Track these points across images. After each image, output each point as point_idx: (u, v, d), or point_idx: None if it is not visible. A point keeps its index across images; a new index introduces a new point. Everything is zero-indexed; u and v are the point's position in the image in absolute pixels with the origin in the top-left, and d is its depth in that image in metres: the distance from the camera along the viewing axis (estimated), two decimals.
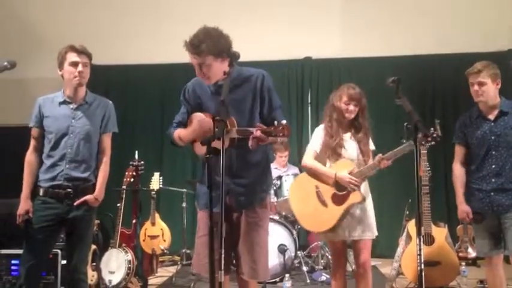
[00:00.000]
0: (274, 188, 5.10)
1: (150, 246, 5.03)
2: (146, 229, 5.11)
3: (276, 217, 4.84)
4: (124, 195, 4.35)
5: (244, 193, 2.52)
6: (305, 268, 4.83)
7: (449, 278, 4.08)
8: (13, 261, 3.65)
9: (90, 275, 3.77)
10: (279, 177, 5.15)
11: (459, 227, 5.27)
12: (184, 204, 5.63)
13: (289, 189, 3.74)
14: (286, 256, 4.55)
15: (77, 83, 2.98)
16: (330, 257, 4.92)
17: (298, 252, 4.88)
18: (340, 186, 3.08)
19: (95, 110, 3.08)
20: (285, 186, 5.06)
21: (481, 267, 4.94)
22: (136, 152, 4.76)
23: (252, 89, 2.54)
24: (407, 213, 4.94)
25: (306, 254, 5.29)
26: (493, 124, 3.13)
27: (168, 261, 5.83)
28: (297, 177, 4.12)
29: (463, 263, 4.37)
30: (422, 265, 2.18)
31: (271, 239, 4.48)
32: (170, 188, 5.59)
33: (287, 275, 4.40)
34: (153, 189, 5.15)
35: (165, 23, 6.39)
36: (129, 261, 4.06)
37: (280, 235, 4.67)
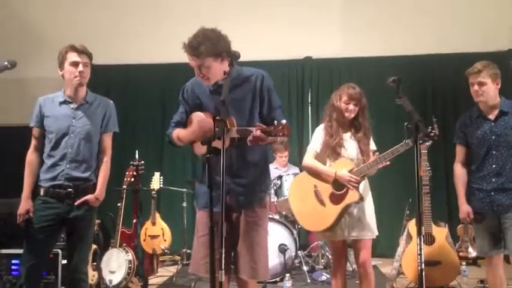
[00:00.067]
0: (275, 188, 5.10)
1: (150, 246, 5.03)
2: (147, 229, 5.11)
3: (277, 217, 4.84)
4: (124, 195, 4.35)
5: (243, 193, 2.52)
6: (305, 268, 4.84)
7: (449, 278, 4.08)
8: (13, 261, 3.65)
9: (90, 274, 3.77)
10: (280, 177, 5.15)
11: (459, 226, 5.27)
12: (184, 204, 5.64)
13: (289, 188, 3.74)
14: (287, 256, 4.56)
15: (77, 83, 2.98)
16: (330, 256, 4.92)
17: (299, 251, 4.89)
18: (338, 186, 3.08)
19: (96, 110, 3.08)
20: (285, 186, 5.06)
21: (481, 267, 4.94)
22: (137, 152, 4.76)
23: (251, 89, 2.53)
24: (407, 212, 4.94)
25: (307, 254, 5.30)
26: (493, 124, 3.13)
27: (168, 261, 5.84)
28: (296, 176, 4.13)
29: (464, 263, 4.37)
30: (423, 265, 2.18)
31: (272, 239, 4.51)
32: (170, 188, 5.60)
33: (287, 275, 4.41)
34: (153, 189, 5.15)
35: (165, 23, 6.39)
36: (129, 261, 4.07)
37: (280, 235, 4.67)
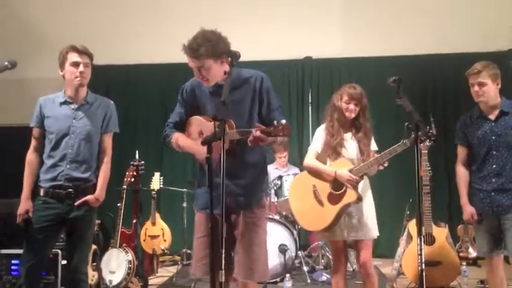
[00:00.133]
0: (275, 188, 5.10)
1: (150, 246, 5.03)
2: (147, 229, 5.11)
3: (277, 217, 4.84)
4: (124, 195, 4.35)
5: (243, 194, 2.52)
6: (306, 268, 4.83)
7: (450, 278, 4.08)
8: (13, 261, 3.65)
9: (90, 275, 3.77)
10: (280, 177, 5.15)
11: (460, 226, 5.27)
12: (184, 204, 5.64)
13: (289, 187, 3.75)
14: (287, 256, 4.56)
15: (78, 83, 2.98)
16: (330, 256, 4.92)
17: (299, 252, 4.89)
18: (337, 185, 3.09)
19: (96, 110, 3.08)
20: (285, 186, 5.05)
21: (481, 267, 4.94)
22: (137, 152, 4.76)
23: (251, 90, 2.54)
24: (408, 213, 4.94)
25: (307, 254, 5.29)
26: (493, 124, 3.13)
27: (168, 261, 5.84)
28: (296, 176, 4.13)
29: (464, 263, 4.37)
30: (423, 265, 2.18)
31: (272, 239, 4.52)
32: (170, 188, 5.60)
33: (288, 275, 4.41)
34: (153, 189, 5.16)
35: (165, 23, 6.39)
36: (129, 261, 4.06)
37: (280, 235, 4.67)
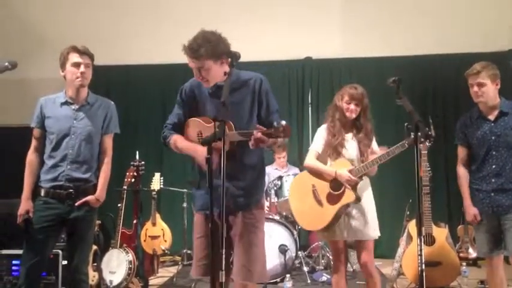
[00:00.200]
0: (275, 189, 5.10)
1: (150, 246, 5.03)
2: (147, 229, 5.11)
3: (277, 217, 4.84)
4: (125, 196, 4.35)
5: (242, 195, 2.53)
6: (306, 268, 4.84)
7: (450, 279, 4.08)
8: (14, 262, 3.65)
9: (91, 275, 3.77)
10: (280, 178, 5.16)
11: (460, 227, 5.27)
12: (185, 204, 5.64)
13: (289, 187, 3.76)
14: (287, 256, 4.56)
15: (79, 84, 2.98)
16: (330, 257, 4.92)
17: (299, 252, 4.89)
18: (336, 185, 3.09)
19: (97, 111, 3.08)
20: (285, 187, 5.05)
21: (481, 268, 4.94)
22: (137, 153, 4.76)
23: (250, 92, 2.54)
24: (407, 213, 4.94)
25: (307, 254, 5.30)
26: (493, 124, 3.13)
27: (169, 262, 5.84)
28: (296, 176, 4.13)
29: (464, 264, 4.36)
30: (423, 265, 2.18)
31: (272, 240, 4.52)
32: (171, 189, 5.60)
33: (288, 275, 4.41)
34: (153, 190, 5.15)
35: (165, 23, 6.39)
36: (130, 262, 4.07)
37: (280, 235, 4.67)
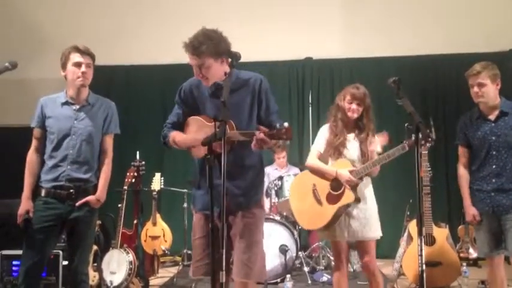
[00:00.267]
0: (276, 189, 5.10)
1: (151, 246, 5.03)
2: (147, 229, 5.12)
3: (277, 218, 4.84)
4: (125, 196, 4.35)
5: (242, 194, 2.53)
6: (306, 268, 4.83)
7: (450, 279, 4.08)
8: (14, 262, 3.65)
9: (91, 275, 3.77)
10: (280, 178, 5.15)
11: (460, 227, 5.27)
12: (185, 204, 5.63)
13: (290, 187, 3.78)
14: (287, 256, 4.56)
15: (80, 84, 2.98)
16: (331, 257, 4.92)
17: (300, 252, 4.89)
18: (336, 186, 3.09)
19: (97, 111, 3.08)
20: (285, 187, 5.04)
21: (482, 268, 4.94)
22: (138, 153, 4.76)
23: (250, 92, 2.55)
24: (408, 213, 4.95)
25: (307, 255, 5.29)
26: (493, 125, 3.13)
27: (169, 262, 5.83)
28: (297, 175, 4.14)
29: (464, 264, 4.35)
30: (424, 266, 2.18)
31: (273, 240, 4.52)
32: (171, 189, 5.60)
33: (288, 276, 4.40)
34: (154, 190, 5.16)
35: (166, 24, 6.40)
36: (130, 262, 4.06)
37: (281, 235, 4.67)
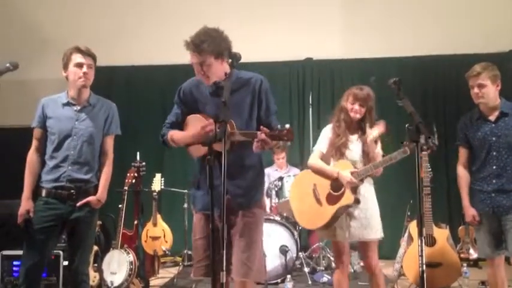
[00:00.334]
0: (276, 189, 5.10)
1: (151, 247, 5.04)
2: (148, 230, 5.12)
3: (278, 218, 4.84)
4: (126, 196, 4.35)
5: (242, 194, 2.54)
6: (306, 269, 4.83)
7: (450, 279, 4.07)
8: (15, 262, 3.66)
9: (91, 276, 3.78)
10: (280, 179, 5.15)
11: (461, 228, 5.27)
12: (185, 205, 5.64)
13: (290, 187, 3.78)
14: (288, 257, 4.56)
15: (81, 85, 2.98)
16: (331, 258, 4.93)
17: (300, 253, 4.88)
18: (336, 186, 3.09)
19: (98, 112, 3.08)
20: (286, 188, 5.04)
21: (482, 269, 4.93)
22: (138, 153, 4.77)
23: (250, 92, 2.55)
24: (408, 214, 4.94)
25: (308, 255, 5.28)
26: (493, 125, 3.13)
27: (169, 262, 5.84)
28: (298, 175, 4.13)
29: (465, 264, 4.36)
30: (424, 266, 2.18)
31: (273, 240, 4.52)
32: (172, 189, 5.61)
33: (288, 276, 4.41)
34: (154, 190, 5.16)
35: (166, 24, 6.40)
36: (130, 262, 4.07)
37: (281, 236, 4.67)
